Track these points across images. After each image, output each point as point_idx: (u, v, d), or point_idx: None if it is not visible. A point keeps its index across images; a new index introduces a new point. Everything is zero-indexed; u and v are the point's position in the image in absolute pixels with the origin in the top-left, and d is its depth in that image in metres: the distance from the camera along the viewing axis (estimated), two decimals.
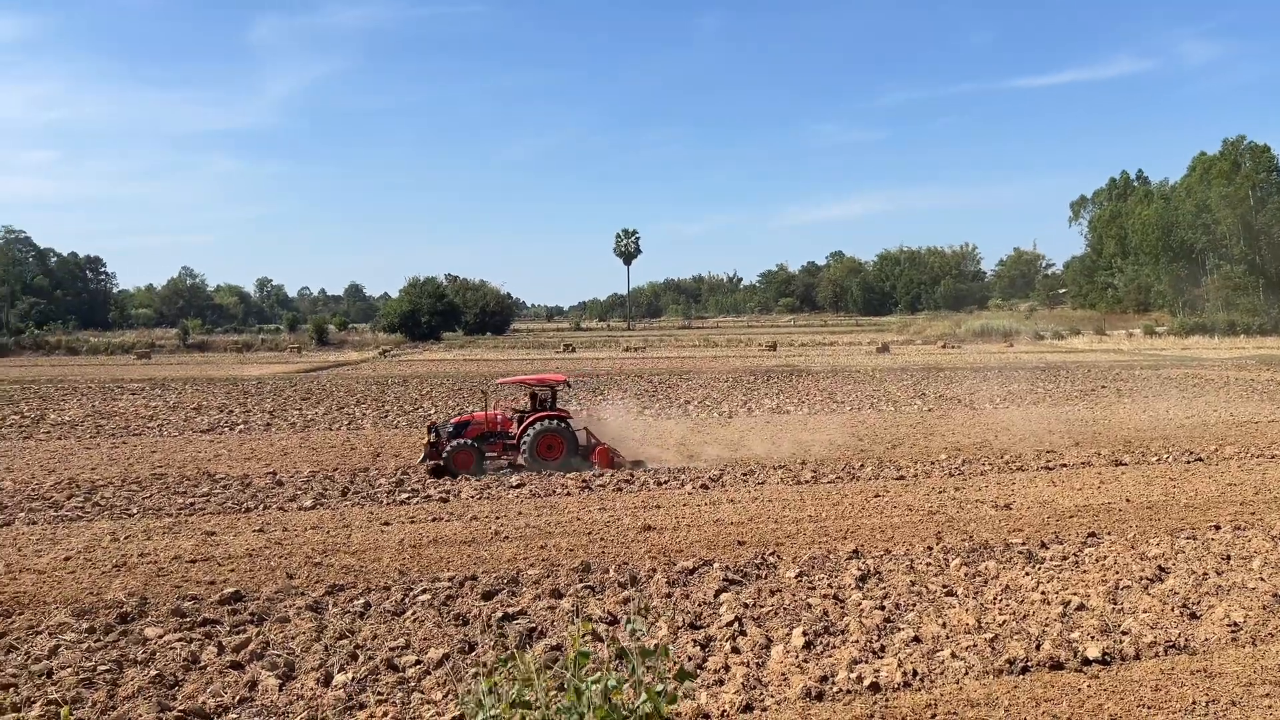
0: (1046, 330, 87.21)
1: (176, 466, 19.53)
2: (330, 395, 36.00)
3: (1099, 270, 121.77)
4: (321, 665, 8.33)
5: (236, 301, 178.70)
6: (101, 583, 10.99)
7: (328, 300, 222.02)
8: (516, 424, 19.19)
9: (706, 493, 16.32)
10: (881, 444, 21.86)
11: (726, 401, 32.00)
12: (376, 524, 14.07)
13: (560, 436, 18.65)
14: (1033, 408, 29.38)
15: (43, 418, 28.77)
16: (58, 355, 74.80)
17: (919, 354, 63.97)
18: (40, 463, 20.23)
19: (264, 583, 10.94)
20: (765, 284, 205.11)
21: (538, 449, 18.45)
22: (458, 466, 18.11)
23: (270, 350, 79.38)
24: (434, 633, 9.15)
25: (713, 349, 74.21)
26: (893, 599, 10.08)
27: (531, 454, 18.39)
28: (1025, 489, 16.37)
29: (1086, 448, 20.84)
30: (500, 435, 18.97)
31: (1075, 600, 9.82)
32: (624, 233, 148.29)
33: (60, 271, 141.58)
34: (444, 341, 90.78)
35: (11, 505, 15.60)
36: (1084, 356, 58.38)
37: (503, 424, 19.18)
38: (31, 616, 9.72)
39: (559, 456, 18.52)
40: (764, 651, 8.60)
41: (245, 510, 15.23)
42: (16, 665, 8.36)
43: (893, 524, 13.75)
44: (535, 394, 19.96)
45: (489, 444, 18.82)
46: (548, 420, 18.78)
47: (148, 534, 13.53)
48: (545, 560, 11.84)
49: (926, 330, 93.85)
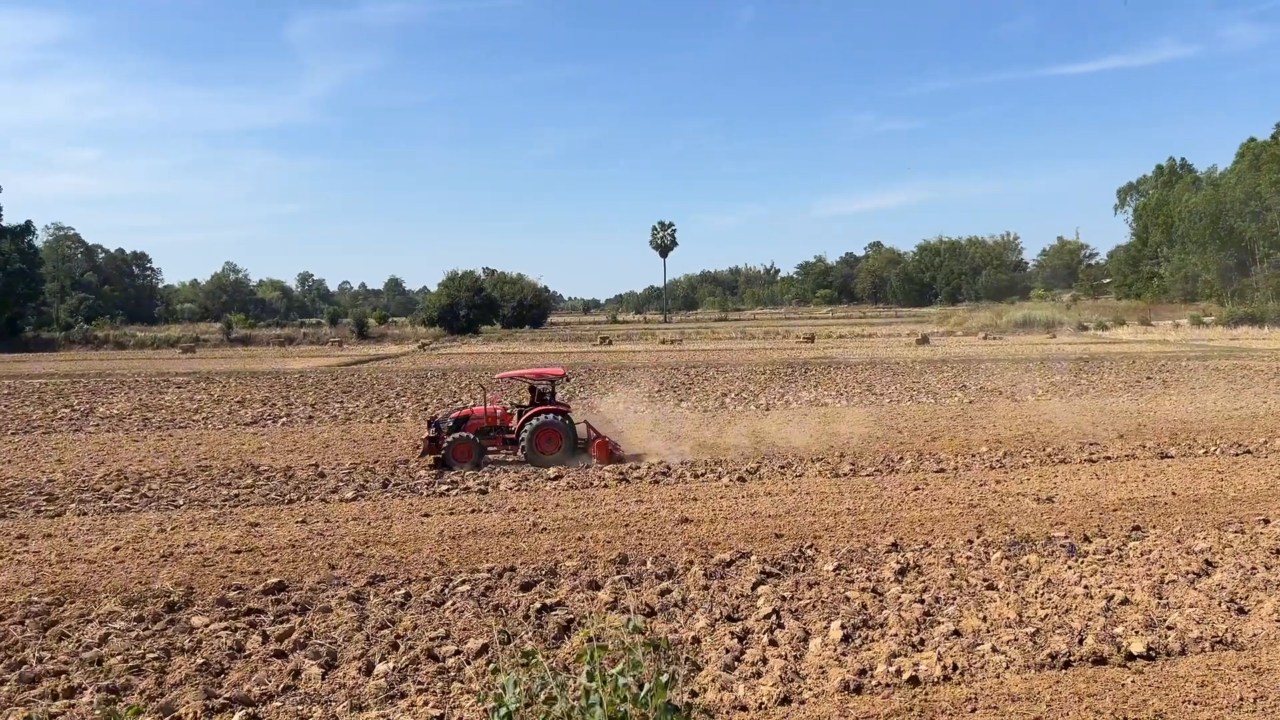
0: (1090, 321, 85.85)
1: (221, 459, 19.86)
2: (371, 388, 36.39)
3: (1144, 259, 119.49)
4: (363, 655, 8.44)
5: (279, 296, 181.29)
6: (149, 572, 11.22)
7: (368, 294, 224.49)
8: (516, 418, 19.22)
9: (743, 485, 16.29)
10: (921, 436, 21.68)
11: (764, 394, 31.88)
12: (416, 515, 14.22)
13: (558, 430, 18.66)
14: (1076, 399, 28.97)
15: (92, 411, 29.39)
16: (106, 349, 76.37)
17: (959, 345, 63.28)
18: (90, 455, 20.67)
19: (307, 573, 11.11)
20: (803, 275, 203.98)
21: (536, 443, 18.50)
22: (457, 460, 18.19)
23: (312, 344, 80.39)
24: (473, 623, 9.23)
25: (749, 341, 73.98)
26: (932, 592, 10.01)
27: (530, 448, 18.43)
28: (1068, 482, 16.15)
29: (1131, 440, 20.51)
30: (500, 429, 19.02)
31: (1119, 594, 9.67)
32: (660, 225, 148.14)
33: (108, 267, 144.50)
34: (482, 335, 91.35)
35: (63, 496, 15.97)
36: (1129, 347, 57.39)
37: (502, 418, 19.22)
38: (82, 605, 9.95)
39: (557, 450, 18.54)
40: (802, 644, 8.58)
41: (288, 502, 15.46)
42: (68, 653, 8.56)
43: (932, 517, 13.64)
44: (534, 387, 20.02)
45: (489, 438, 18.87)
46: (546, 414, 18.80)
47: (194, 525, 13.79)
48: (583, 552, 11.90)
49: (967, 321, 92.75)
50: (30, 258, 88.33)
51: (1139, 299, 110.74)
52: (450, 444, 18.27)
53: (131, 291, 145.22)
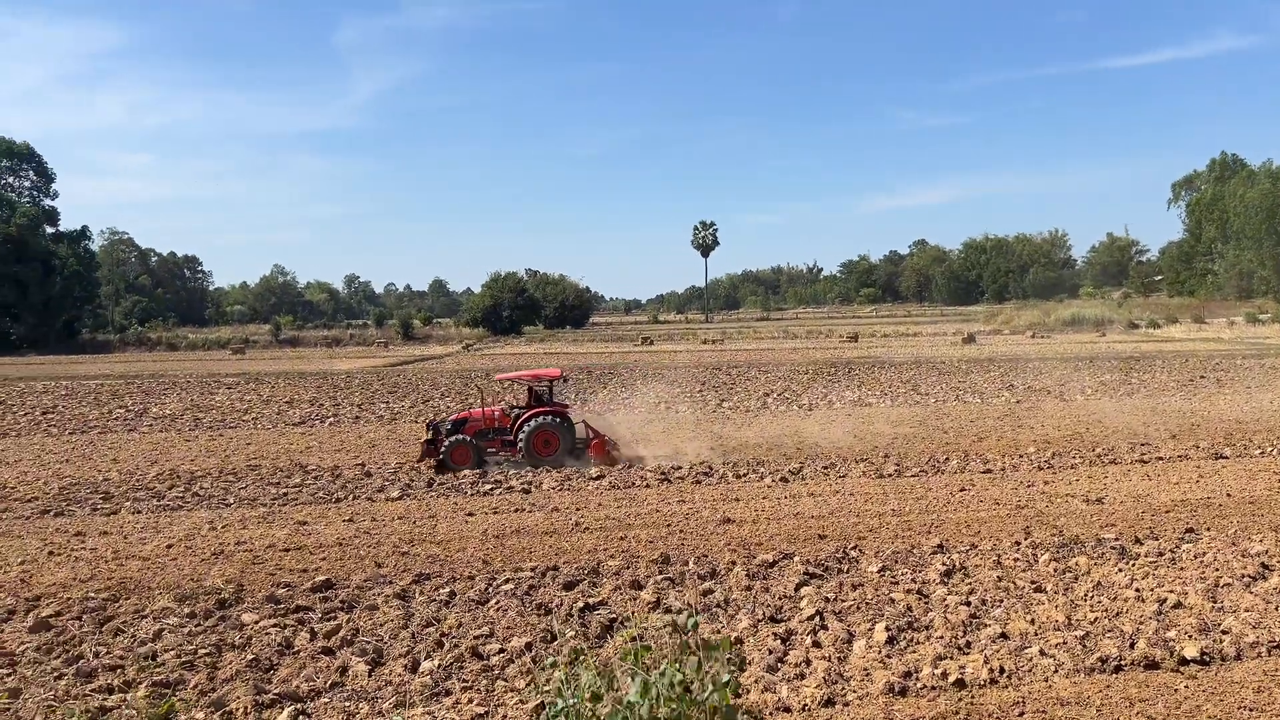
0: (1141, 319, 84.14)
1: (270, 458, 20.19)
2: (416, 389, 36.76)
3: (1197, 256, 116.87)
4: (409, 652, 8.54)
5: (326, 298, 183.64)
6: (201, 569, 11.45)
7: (412, 296, 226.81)
8: (514, 419, 19.24)
9: (786, 485, 16.21)
10: (967, 436, 21.41)
11: (806, 394, 31.70)
12: (461, 514, 14.35)
13: (555, 432, 18.65)
14: (1127, 399, 28.43)
15: (145, 411, 30.03)
16: (159, 351, 77.97)
17: (1007, 344, 62.37)
18: (143, 454, 21.13)
19: (353, 571, 11.26)
20: (846, 274, 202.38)
21: (533, 445, 18.52)
22: (455, 462, 18.24)
23: (358, 345, 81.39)
24: (517, 622, 9.30)
25: (792, 340, 73.57)
26: (979, 594, 9.89)
27: (527, 450, 18.44)
28: (1118, 483, 15.86)
29: (1184, 440, 20.08)
30: (498, 431, 19.03)
31: (1172, 598, 9.48)
32: (701, 225, 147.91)
33: (160, 270, 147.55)
34: (524, 335, 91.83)
35: (118, 495, 16.35)
36: (1181, 346, 56.17)
37: (500, 420, 19.24)
38: (137, 601, 10.18)
39: (554, 452, 18.54)
40: (846, 646, 8.52)
41: (335, 500, 15.68)
42: (123, 648, 8.77)
43: (979, 518, 13.47)
44: (532, 389, 20.05)
45: (487, 440, 18.90)
46: (544, 416, 18.79)
47: (244, 523, 14.04)
48: (625, 551, 11.92)
49: (1014, 320, 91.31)
50: (86, 262, 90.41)
51: (1192, 296, 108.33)
52: (449, 446, 18.37)
53: (183, 294, 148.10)
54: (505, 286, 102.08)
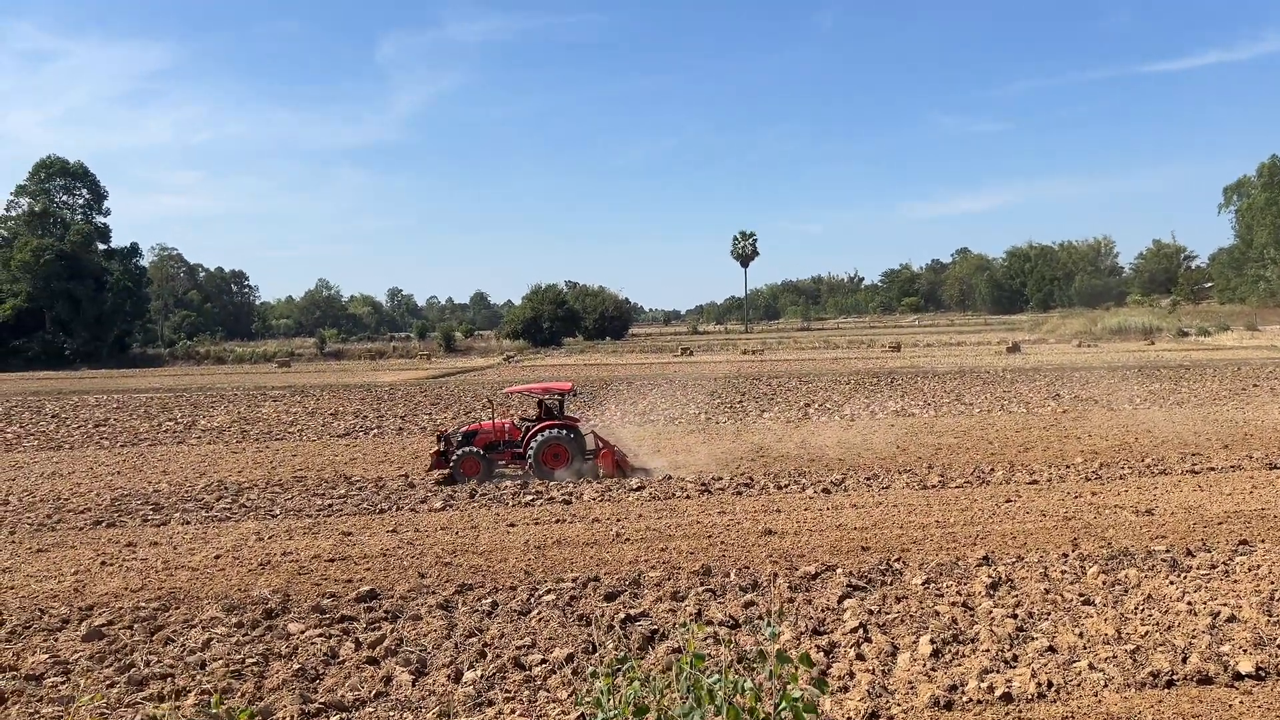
0: (1191, 326, 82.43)
1: (315, 470, 20.46)
2: (458, 400, 37.05)
3: (1249, 262, 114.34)
4: (452, 662, 8.60)
5: (369, 311, 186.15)
6: (248, 580, 11.62)
7: (454, 308, 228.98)
8: (524, 432, 19.25)
9: (828, 497, 16.10)
10: (1013, 447, 21.11)
11: (848, 404, 31.47)
12: (503, 525, 14.43)
13: (564, 445, 18.65)
14: (1177, 408, 27.85)
15: (194, 424, 30.58)
16: (207, 365, 79.44)
17: (1052, 353, 61.43)
18: (192, 466, 21.52)
19: (397, 581, 11.36)
20: (888, 283, 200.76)
21: (542, 458, 18.53)
22: (465, 474, 18.34)
23: (401, 357, 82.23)
24: (559, 632, 9.32)
25: (833, 350, 73.08)
26: (1025, 607, 9.74)
27: (536, 463, 18.47)
28: (1169, 494, 15.54)
29: (1237, 450, 19.63)
30: (509, 444, 19.08)
31: (1225, 611, 9.27)
32: (741, 235, 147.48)
33: (208, 285, 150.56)
34: (564, 347, 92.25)
35: (168, 506, 16.66)
36: (1233, 354, 54.94)
37: (510, 432, 19.29)
38: (186, 611, 10.35)
39: (564, 465, 18.54)
40: (890, 659, 8.43)
41: (379, 512, 15.84)
42: (173, 656, 8.92)
43: (1025, 530, 13.27)
44: (541, 402, 20.07)
45: (497, 452, 18.95)
46: (553, 429, 18.79)
47: (290, 534, 14.24)
48: (666, 563, 11.91)
49: (1060, 328, 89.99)
50: (137, 278, 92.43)
51: (1243, 303, 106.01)
52: (458, 458, 18.47)
53: (230, 308, 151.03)
54: (545, 298, 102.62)
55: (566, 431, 18.93)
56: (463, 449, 18.69)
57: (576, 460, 18.73)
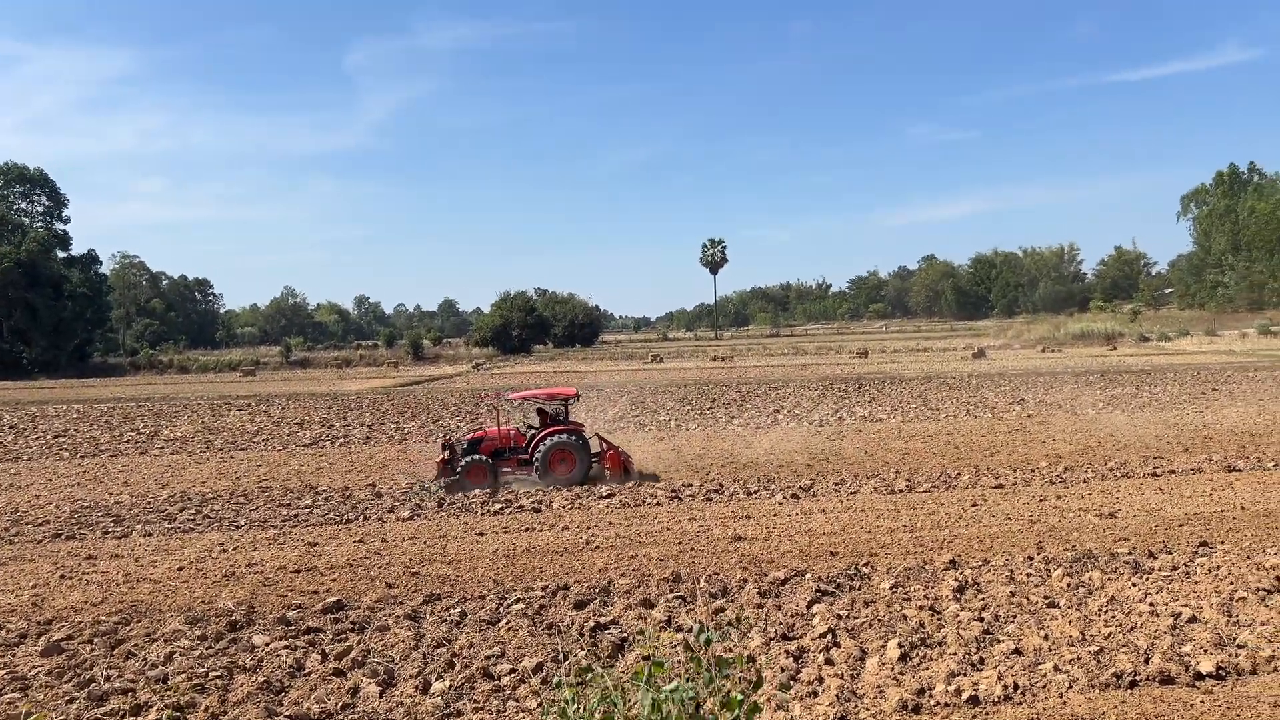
0: (1152, 332, 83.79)
1: (281, 479, 20.23)
2: (426, 408, 36.81)
3: (1207, 268, 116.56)
4: (420, 673, 8.53)
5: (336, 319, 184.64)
6: (212, 592, 11.46)
7: (422, 316, 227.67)
8: (529, 439, 19.20)
9: (797, 502, 16.16)
10: (978, 451, 21.33)
11: (817, 410, 31.63)
12: (471, 534, 14.34)
13: (572, 451, 18.63)
14: (1138, 413, 28.28)
15: (156, 434, 30.14)
16: (170, 374, 78.31)
17: (1017, 358, 62.16)
18: (155, 476, 21.20)
19: (364, 592, 11.26)
20: (855, 290, 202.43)
21: (549, 464, 18.50)
22: (471, 481, 18.26)
23: (368, 366, 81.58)
24: (528, 642, 9.28)
25: (802, 357, 73.46)
26: (992, 610, 9.83)
27: (543, 468, 18.42)
28: (1131, 497, 15.76)
29: (1197, 453, 19.97)
30: (514, 450, 19.02)
31: (1186, 612, 9.41)
32: (710, 242, 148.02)
33: (172, 293, 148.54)
34: (534, 354, 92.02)
35: (129, 518, 16.40)
36: (1193, 358, 55.90)
37: (516, 439, 19.24)
38: (148, 624, 10.19)
39: (571, 470, 18.51)
40: (858, 663, 8.48)
41: (346, 521, 15.69)
42: (134, 671, 8.77)
43: (991, 533, 13.40)
44: (543, 409, 20.05)
45: (503, 459, 18.89)
46: (560, 435, 18.77)
47: (254, 545, 14.06)
48: (636, 570, 11.90)
49: (1024, 334, 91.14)
50: (97, 286, 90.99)
51: (1203, 309, 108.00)
52: (465, 466, 18.37)
53: (194, 317, 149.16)
54: (515, 306, 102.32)
55: (573, 437, 18.91)
56: (469, 456, 18.59)
57: (583, 465, 18.70)
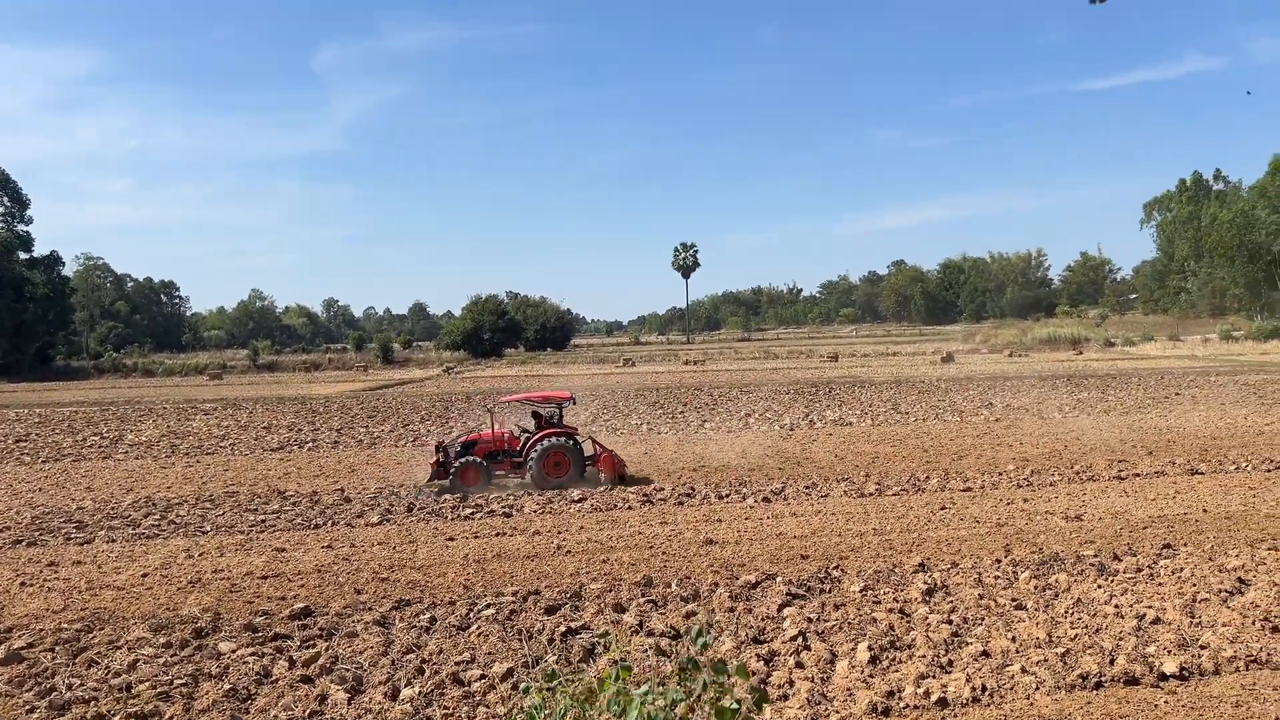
0: (1117, 337, 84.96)
1: (248, 484, 20.01)
2: (396, 412, 36.58)
3: (1171, 274, 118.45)
4: (389, 679, 8.46)
5: (305, 322, 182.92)
6: (177, 598, 11.31)
7: (392, 319, 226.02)
8: (523, 442, 19.18)
9: (768, 506, 16.22)
10: (947, 455, 21.51)
11: (788, 413, 31.77)
12: (441, 539, 14.26)
13: (566, 454, 18.62)
14: (1104, 416, 28.65)
15: (121, 438, 29.71)
16: (135, 377, 77.24)
17: (985, 363, 62.80)
18: (119, 482, 20.89)
19: (333, 598, 11.15)
20: (826, 294, 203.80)
21: (544, 466, 18.47)
22: (465, 484, 18.22)
23: (337, 369, 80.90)
24: (498, 647, 9.23)
25: (773, 361, 73.75)
26: (960, 613, 9.91)
27: (538, 471, 18.38)
28: (1097, 500, 15.96)
29: (1160, 457, 20.26)
30: (508, 453, 18.98)
31: (1150, 614, 9.54)
32: (682, 246, 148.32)
33: (137, 296, 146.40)
34: (506, 358, 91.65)
35: (92, 524, 16.14)
36: (1157, 363, 56.73)
37: (510, 442, 19.20)
38: (111, 632, 10.03)
39: (565, 474, 18.50)
40: (829, 666, 8.51)
41: (314, 527, 15.54)
42: (97, 679, 8.63)
43: (959, 536, 13.51)
44: (538, 412, 20.05)
45: (496, 462, 18.85)
46: (554, 438, 18.75)
47: (221, 551, 13.89)
48: (607, 574, 11.88)
49: (992, 339, 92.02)
50: (59, 288, 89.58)
51: (1166, 314, 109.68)
52: (459, 468, 18.30)
53: (160, 320, 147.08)
54: (486, 309, 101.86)
55: (567, 440, 18.85)
56: (462, 458, 18.50)
57: (577, 468, 18.66)
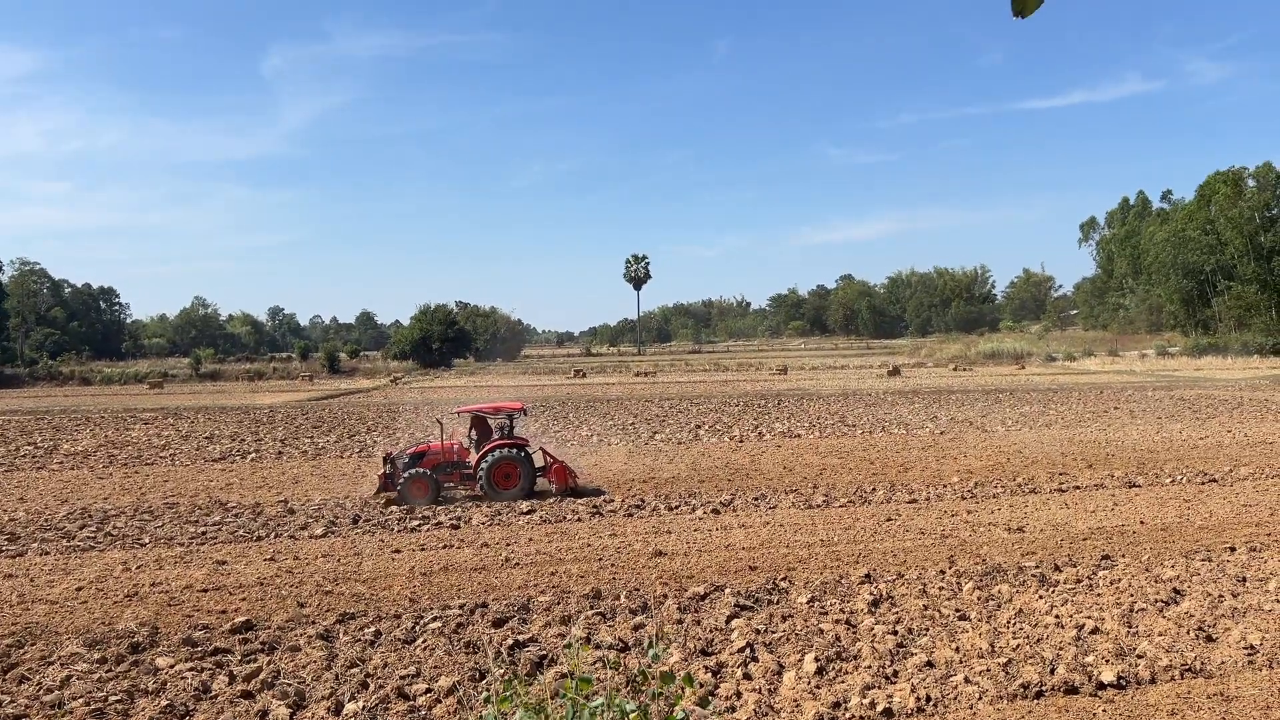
0: (1058, 352, 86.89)
1: (189, 495, 19.58)
2: (342, 423, 36.09)
3: (1110, 291, 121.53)
4: (332, 694, 8.31)
5: (249, 330, 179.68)
6: (113, 612, 11.02)
7: (339, 328, 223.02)
8: (474, 453, 19.02)
9: (717, 517, 16.27)
10: (893, 467, 21.78)
11: (737, 425, 31.94)
12: (387, 551, 14.07)
13: (517, 464, 18.50)
14: (1045, 430, 29.25)
15: (56, 448, 28.91)
16: (71, 386, 75.27)
17: (930, 377, 63.79)
18: (53, 493, 20.32)
19: (275, 611, 10.95)
20: (775, 307, 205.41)
21: (494, 478, 18.34)
22: (413, 496, 17.96)
23: (282, 378, 79.66)
24: (444, 661, 9.12)
25: (723, 373, 74.16)
26: (905, 623, 10.02)
27: (488, 483, 18.25)
28: (1038, 512, 16.27)
29: (1100, 470, 20.72)
30: (457, 465, 18.80)
31: (1089, 623, 9.74)
32: (634, 258, 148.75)
33: (74, 302, 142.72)
34: (455, 368, 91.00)
35: (25, 535, 15.67)
36: (1096, 378, 58.11)
37: (459, 453, 19.01)
38: (43, 647, 9.74)
39: (516, 485, 18.37)
40: (776, 678, 8.55)
41: (257, 539, 15.25)
42: (28, 696, 8.37)
43: (905, 548, 13.68)
44: (485, 421, 19.79)
45: (445, 474, 18.66)
46: (504, 449, 18.60)
47: (159, 563, 13.56)
48: (556, 587, 11.82)
49: (938, 353, 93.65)
50: None
51: (1106, 330, 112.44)
52: (406, 480, 18.05)
53: (99, 326, 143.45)
54: (435, 319, 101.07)
55: (517, 451, 18.66)
56: (410, 470, 18.22)
57: (528, 479, 18.49)
